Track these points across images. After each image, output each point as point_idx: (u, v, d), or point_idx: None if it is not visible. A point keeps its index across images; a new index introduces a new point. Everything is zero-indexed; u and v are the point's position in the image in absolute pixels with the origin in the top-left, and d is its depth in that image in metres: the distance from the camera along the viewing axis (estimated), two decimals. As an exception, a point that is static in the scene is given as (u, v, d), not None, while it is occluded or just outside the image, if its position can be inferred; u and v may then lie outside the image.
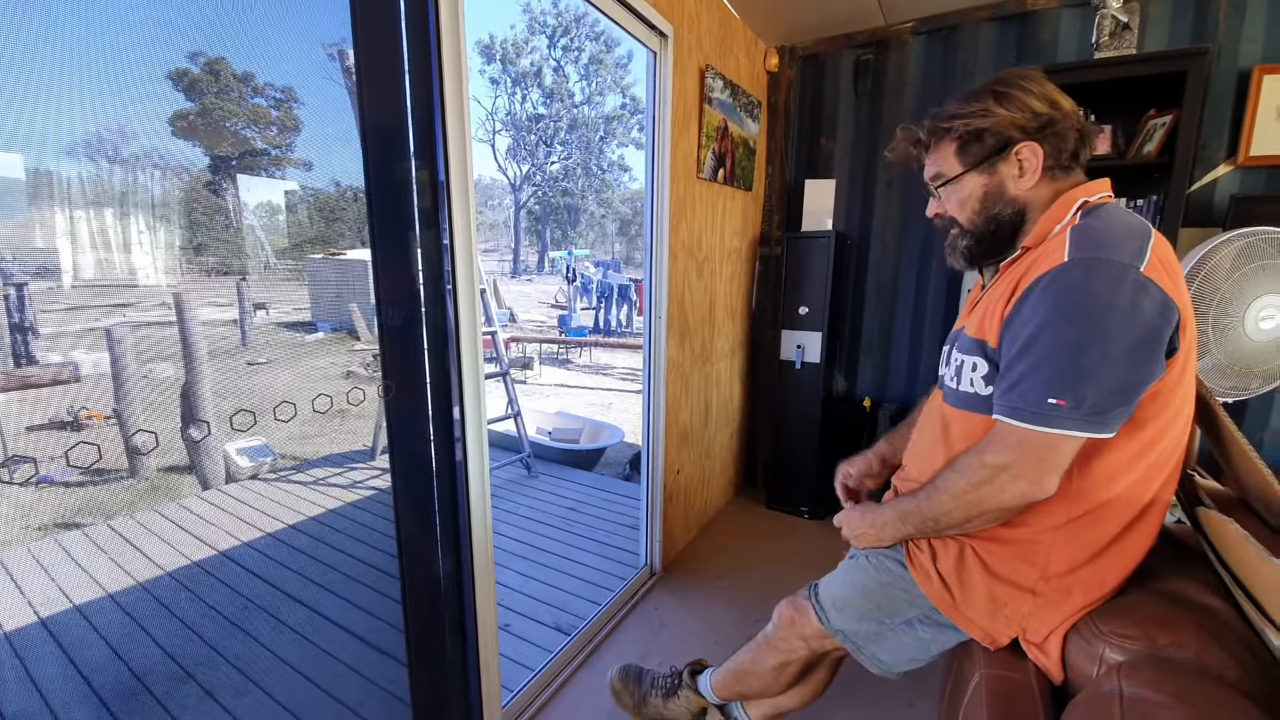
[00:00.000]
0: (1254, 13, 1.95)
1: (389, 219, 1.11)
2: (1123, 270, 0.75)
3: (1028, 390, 0.79)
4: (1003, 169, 0.91)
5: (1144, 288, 0.74)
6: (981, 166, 0.92)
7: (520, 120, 27.08)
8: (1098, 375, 0.75)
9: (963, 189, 0.94)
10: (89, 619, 1.14)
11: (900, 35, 2.56)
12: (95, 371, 1.07)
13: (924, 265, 2.68)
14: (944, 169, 0.96)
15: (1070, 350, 0.76)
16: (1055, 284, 0.78)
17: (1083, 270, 0.77)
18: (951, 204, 0.97)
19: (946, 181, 0.95)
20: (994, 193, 0.92)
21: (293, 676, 1.34)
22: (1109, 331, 0.74)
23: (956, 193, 0.95)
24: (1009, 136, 0.89)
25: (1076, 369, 0.75)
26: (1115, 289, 0.75)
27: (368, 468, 1.85)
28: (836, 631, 1.08)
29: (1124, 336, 0.74)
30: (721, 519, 2.86)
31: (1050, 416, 0.77)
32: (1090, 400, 0.75)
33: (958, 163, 0.94)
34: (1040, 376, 0.78)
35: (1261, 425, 2.12)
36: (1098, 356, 0.74)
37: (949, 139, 0.94)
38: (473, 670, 1.35)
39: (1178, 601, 0.82)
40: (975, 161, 0.92)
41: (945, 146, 0.95)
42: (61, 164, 0.86)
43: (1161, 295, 0.75)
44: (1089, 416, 0.76)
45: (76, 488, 1.11)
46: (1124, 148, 2.06)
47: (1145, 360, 0.76)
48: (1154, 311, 0.75)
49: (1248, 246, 1.60)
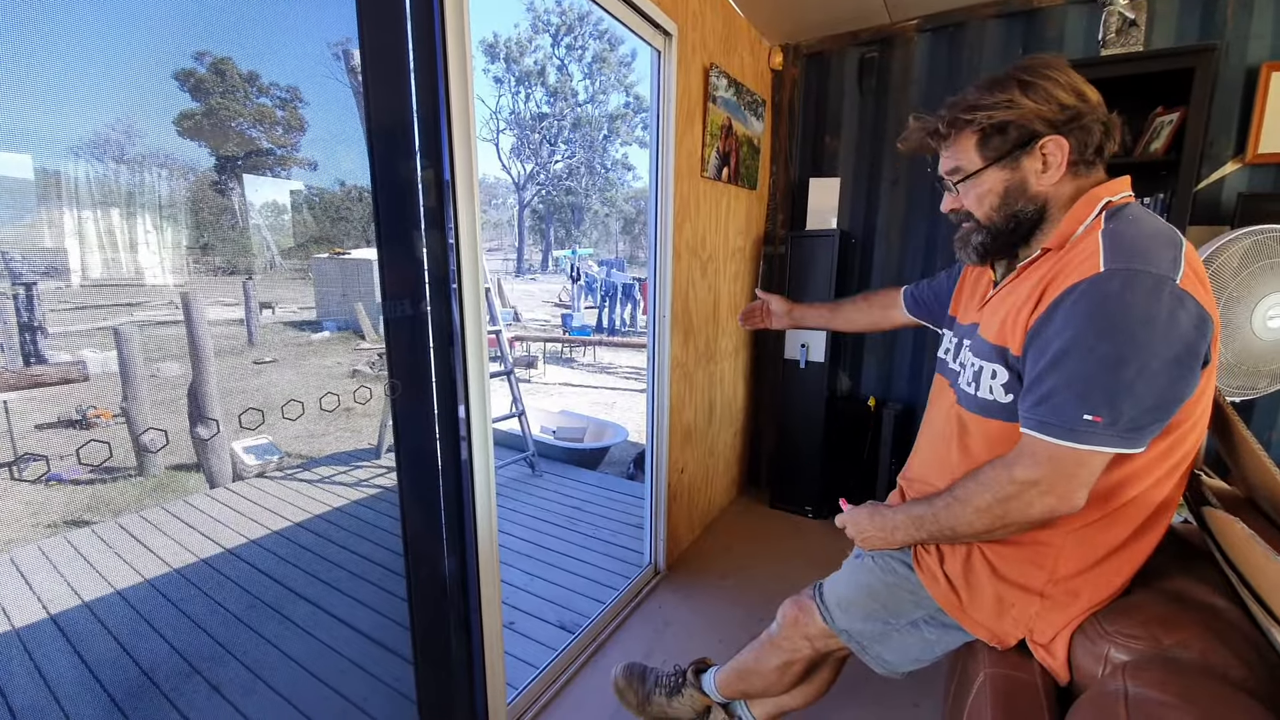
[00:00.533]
0: (1262, 9, 1.94)
1: (394, 218, 1.11)
2: (1159, 282, 0.72)
3: (1060, 405, 0.75)
4: (1026, 164, 0.86)
5: (1181, 301, 0.72)
6: (1004, 161, 0.86)
7: (524, 119, 27.10)
8: (1135, 391, 0.72)
9: (982, 184, 0.89)
10: (98, 615, 1.15)
11: (905, 33, 2.55)
12: (103, 370, 1.08)
13: (929, 264, 2.67)
14: (963, 163, 0.90)
15: (1107, 365, 0.72)
16: (1089, 295, 0.74)
17: (1120, 282, 0.73)
18: (969, 199, 0.92)
19: (966, 177, 0.90)
20: (1015, 189, 0.87)
21: (299, 673, 1.34)
22: (1148, 346, 0.71)
23: (975, 188, 0.90)
24: (1033, 130, 0.84)
25: (1114, 385, 0.72)
26: (1153, 302, 0.71)
27: (373, 466, 1.85)
28: (841, 631, 1.08)
29: (1163, 352, 0.71)
30: (725, 518, 2.86)
31: (1084, 433, 0.74)
32: (1127, 417, 0.73)
33: (978, 156, 0.88)
34: (1073, 391, 0.75)
35: (1270, 424, 2.11)
36: (1135, 372, 0.71)
37: (969, 131, 0.88)
38: (478, 668, 1.35)
39: (1183, 601, 0.82)
40: (997, 155, 0.87)
41: (965, 139, 0.89)
42: (69, 164, 0.87)
43: (1198, 308, 0.72)
44: (1124, 433, 0.73)
45: (86, 485, 1.12)
46: (1130, 145, 2.05)
47: (1183, 375, 0.73)
48: (1190, 325, 0.72)
49: (1255, 245, 1.59)
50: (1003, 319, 0.87)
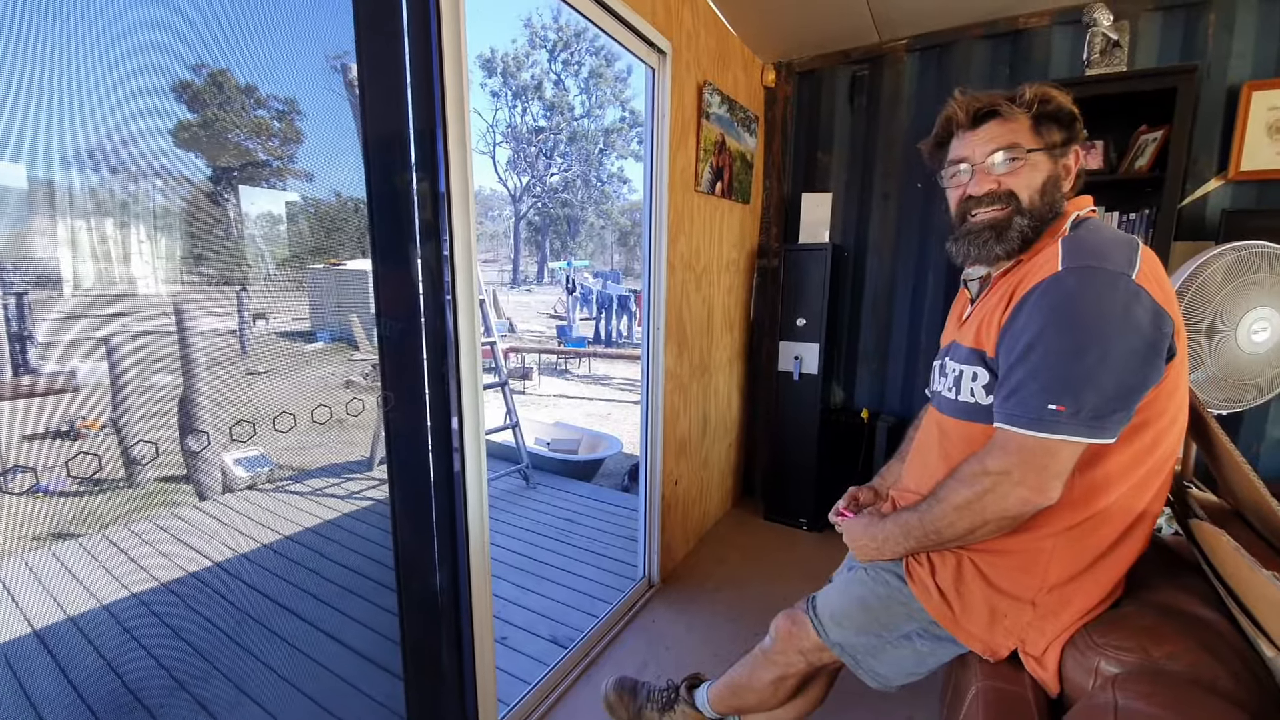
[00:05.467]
0: (1242, 30, 1.99)
1: (389, 230, 1.12)
2: (1115, 278, 0.77)
3: (1027, 397, 0.79)
4: (1063, 163, 0.91)
5: (1136, 295, 0.76)
6: (1055, 150, 0.90)
7: (521, 133, 27.29)
8: (1096, 380, 0.76)
9: (1033, 167, 0.90)
10: (83, 630, 1.13)
11: (895, 52, 2.60)
12: (94, 381, 1.07)
13: (920, 277, 2.70)
14: (1017, 139, 0.90)
15: (1068, 356, 0.77)
16: (1050, 292, 0.80)
17: (1076, 278, 0.79)
18: (1018, 178, 0.90)
19: (1021, 154, 0.89)
20: (1053, 182, 0.90)
21: (287, 690, 1.32)
22: (1105, 337, 0.76)
23: (1027, 170, 0.90)
24: (1075, 132, 0.90)
25: (1075, 374, 0.76)
26: (1109, 295, 0.77)
27: (365, 478, 1.84)
28: (834, 645, 1.08)
29: (1120, 342, 0.76)
30: (720, 530, 2.85)
31: (1050, 422, 0.77)
32: (1090, 405, 0.76)
33: (1034, 138, 0.90)
34: (1038, 383, 0.78)
35: (1257, 437, 2.13)
36: (1095, 361, 0.76)
37: (1027, 114, 0.90)
38: (469, 684, 1.34)
39: (1172, 613, 0.82)
40: (1051, 144, 0.90)
41: (1020, 120, 0.90)
42: (64, 173, 0.87)
43: (1153, 303, 0.77)
44: (1088, 421, 0.76)
45: (73, 497, 1.11)
46: (1116, 163, 2.09)
47: (1141, 365, 0.77)
48: (1146, 319, 0.76)
49: (1239, 260, 1.61)
50: (979, 323, 0.92)
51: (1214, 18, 2.01)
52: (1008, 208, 0.90)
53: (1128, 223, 2.05)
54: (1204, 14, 2.03)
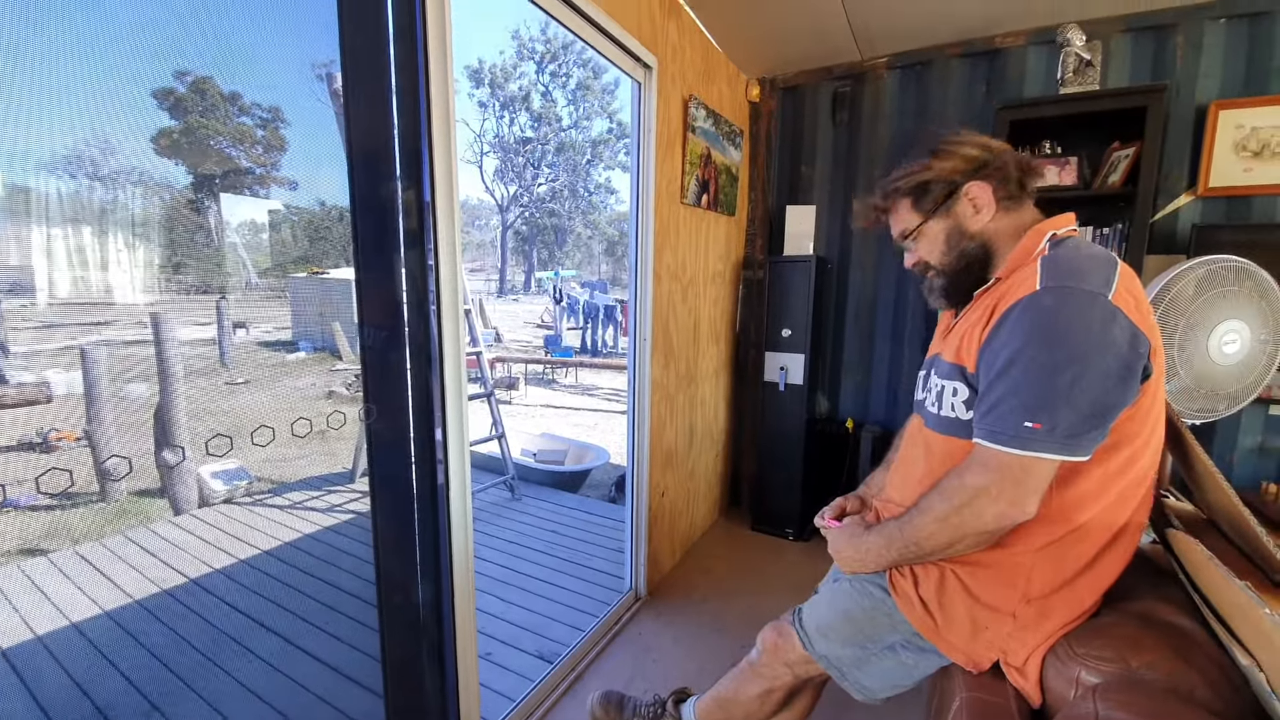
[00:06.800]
0: (1210, 51, 2.06)
1: (374, 238, 1.11)
2: (1092, 298, 0.78)
3: (1005, 414, 0.81)
4: (957, 210, 0.97)
5: (1113, 315, 0.78)
6: (938, 212, 0.98)
7: (508, 143, 27.36)
8: (1071, 399, 0.77)
9: (927, 235, 1.01)
10: (51, 650, 1.10)
11: (876, 70, 2.66)
12: (68, 391, 1.05)
13: (901, 288, 2.74)
14: (907, 223, 1.02)
15: (1044, 375, 0.78)
16: (1028, 310, 0.81)
17: (1053, 297, 0.80)
18: (922, 250, 1.03)
19: (912, 232, 1.02)
20: (955, 232, 0.98)
21: (264, 710, 1.29)
22: (1082, 357, 0.77)
23: (923, 240, 1.01)
24: (954, 181, 0.96)
25: (1051, 393, 0.77)
26: (1085, 315, 0.78)
27: (347, 491, 1.81)
28: (820, 657, 1.08)
29: (1096, 362, 0.77)
30: (706, 541, 2.84)
31: (1026, 439, 0.79)
32: (1065, 424, 0.77)
33: (916, 215, 1.00)
34: (1017, 400, 0.80)
35: (1230, 446, 2.18)
36: (1070, 381, 0.77)
37: (902, 198, 1.01)
38: (451, 701, 1.31)
39: (1150, 622, 0.83)
40: (931, 209, 0.98)
41: (902, 205, 1.02)
42: (40, 180, 0.85)
43: (1129, 324, 0.78)
44: (1063, 440, 0.78)
45: (44, 512, 1.07)
46: (1089, 178, 2.14)
47: (1117, 385, 0.78)
48: (1123, 339, 0.77)
49: (1210, 273, 1.66)
50: (960, 339, 0.93)
51: (1182, 39, 2.08)
52: (929, 271, 1.04)
53: (1101, 237, 2.10)
54: (1172, 35, 2.10)
